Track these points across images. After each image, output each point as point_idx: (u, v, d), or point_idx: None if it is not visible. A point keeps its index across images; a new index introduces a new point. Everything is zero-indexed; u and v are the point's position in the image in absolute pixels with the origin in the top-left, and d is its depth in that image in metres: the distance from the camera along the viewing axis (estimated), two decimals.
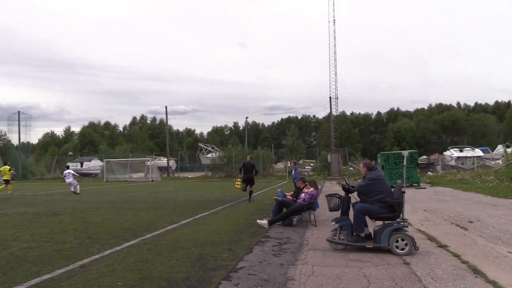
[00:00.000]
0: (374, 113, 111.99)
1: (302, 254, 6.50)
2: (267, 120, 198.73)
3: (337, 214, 7.20)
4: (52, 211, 12.95)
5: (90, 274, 5.33)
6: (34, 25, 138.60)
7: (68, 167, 23.01)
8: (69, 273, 5.39)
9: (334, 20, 43.94)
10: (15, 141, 51.86)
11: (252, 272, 5.44)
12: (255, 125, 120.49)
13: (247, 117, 72.48)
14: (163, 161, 52.71)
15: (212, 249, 6.80)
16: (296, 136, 56.37)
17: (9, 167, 22.41)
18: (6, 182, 21.60)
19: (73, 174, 21.84)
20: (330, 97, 43.94)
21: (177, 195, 19.42)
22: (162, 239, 7.79)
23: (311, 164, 52.08)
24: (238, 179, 16.76)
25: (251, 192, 16.00)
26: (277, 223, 9.43)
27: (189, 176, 47.00)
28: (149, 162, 44.13)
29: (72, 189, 21.11)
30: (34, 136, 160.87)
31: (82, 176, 46.37)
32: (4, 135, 54.77)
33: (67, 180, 21.43)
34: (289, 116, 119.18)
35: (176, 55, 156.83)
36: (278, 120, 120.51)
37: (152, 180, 39.49)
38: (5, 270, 5.58)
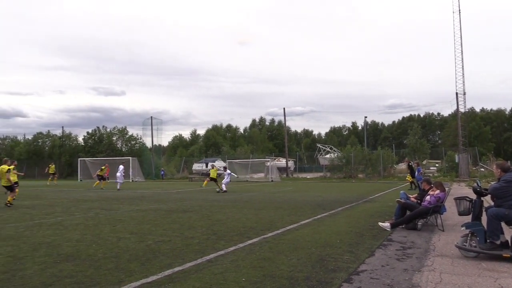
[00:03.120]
0: (508, 108, 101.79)
1: (428, 260, 6.13)
2: (387, 119, 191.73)
3: (467, 218, 6.67)
4: (182, 208, 13.89)
5: (216, 268, 5.61)
6: (162, 38, 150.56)
7: (225, 168, 25.13)
8: (197, 267, 5.72)
9: (459, 10, 40.91)
10: (148, 144, 56.74)
11: (374, 276, 5.28)
12: (374, 125, 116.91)
13: (366, 117, 70.67)
14: (282, 161, 53.55)
15: (332, 250, 6.73)
16: (419, 135, 53.40)
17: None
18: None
19: (229, 174, 24.69)
20: (456, 93, 40.94)
21: (296, 196, 19.59)
22: (282, 238, 7.91)
23: (436, 165, 49.02)
24: (408, 176, 25.30)
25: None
26: (400, 226, 9.03)
27: (308, 177, 47.12)
28: (268, 163, 45.09)
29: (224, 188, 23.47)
30: (164, 139, 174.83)
31: (207, 176, 49.23)
32: (140, 139, 60.15)
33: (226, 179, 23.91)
34: (411, 114, 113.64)
35: (293, 57, 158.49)
36: (399, 119, 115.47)
37: (272, 180, 40.30)
38: (142, 260, 6.11)
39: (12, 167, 15.70)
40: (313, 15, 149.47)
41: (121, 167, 28.63)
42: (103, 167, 29.92)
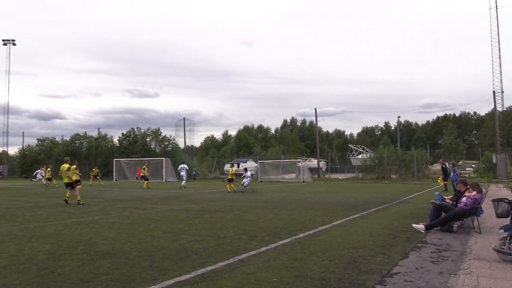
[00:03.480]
0: None
1: (464, 263, 5.97)
2: (421, 118, 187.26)
3: (506, 221, 6.47)
4: (214, 208, 14.01)
5: (248, 268, 5.63)
6: (194, 40, 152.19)
7: (246, 170, 24.99)
8: (230, 266, 5.76)
9: (496, 6, 39.64)
10: (181, 145, 57.50)
11: (408, 278, 5.17)
12: (407, 124, 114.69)
13: (399, 116, 69.19)
14: (313, 162, 53.24)
15: (365, 252, 6.65)
16: (454, 135, 52.02)
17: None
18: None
19: (249, 177, 24.35)
20: (493, 91, 39.75)
21: (328, 196, 19.44)
22: (314, 239, 7.86)
23: (473, 166, 47.64)
24: (440, 179, 24.26)
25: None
26: (435, 228, 8.81)
27: (340, 177, 46.71)
28: (300, 163, 44.92)
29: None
30: (197, 139, 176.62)
31: (238, 176, 49.53)
32: (173, 139, 61.01)
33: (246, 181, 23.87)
34: (446, 114, 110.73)
35: (324, 57, 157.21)
36: (433, 119, 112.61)
37: (303, 181, 40.13)
38: (176, 259, 6.20)
39: (74, 166, 17.44)
40: (343, 13, 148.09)
41: (185, 166, 29.83)
42: (144, 167, 30.70)
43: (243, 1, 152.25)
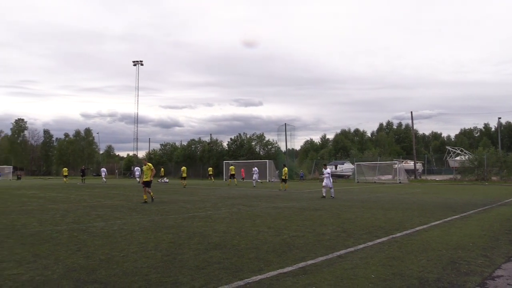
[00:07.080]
0: None
1: None
2: None
3: None
4: (313, 207, 13.92)
5: (346, 264, 5.51)
6: (292, 52, 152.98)
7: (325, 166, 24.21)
8: (328, 261, 5.68)
9: None
10: (283, 148, 58.28)
11: None
12: (509, 126, 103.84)
13: (499, 118, 63.05)
14: (410, 164, 50.57)
15: (464, 253, 6.15)
16: None
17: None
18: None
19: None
20: None
21: (425, 197, 18.32)
22: (412, 239, 7.46)
23: None
24: None
25: None
26: None
27: (437, 179, 43.79)
28: (396, 165, 42.99)
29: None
30: (297, 143, 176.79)
31: (336, 177, 48.72)
32: (275, 143, 61.95)
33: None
34: None
35: (418, 61, 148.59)
36: None
37: (400, 182, 38.29)
38: (279, 252, 6.27)
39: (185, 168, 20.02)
40: (438, 17, 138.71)
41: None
42: (232, 166, 33.66)
43: (337, 11, 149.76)
